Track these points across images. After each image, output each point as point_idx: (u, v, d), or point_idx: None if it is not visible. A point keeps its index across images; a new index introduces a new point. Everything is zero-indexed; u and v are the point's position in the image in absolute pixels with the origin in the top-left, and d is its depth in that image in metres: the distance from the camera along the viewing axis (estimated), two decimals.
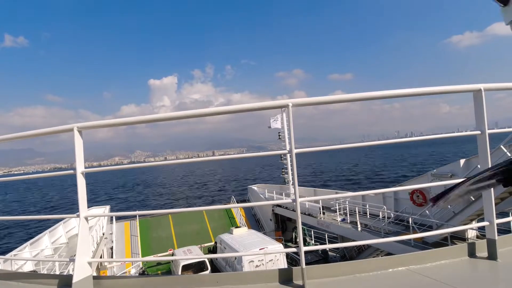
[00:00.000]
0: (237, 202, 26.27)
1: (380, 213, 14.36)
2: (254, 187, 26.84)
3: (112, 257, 18.10)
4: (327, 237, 17.84)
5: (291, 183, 22.21)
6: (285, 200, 2.67)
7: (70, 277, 2.16)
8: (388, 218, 14.23)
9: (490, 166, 2.27)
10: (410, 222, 12.06)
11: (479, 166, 2.40)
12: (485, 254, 2.31)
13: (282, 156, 21.31)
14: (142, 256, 19.06)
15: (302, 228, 8.05)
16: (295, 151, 2.08)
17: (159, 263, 18.03)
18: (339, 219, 16.08)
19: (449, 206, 11.76)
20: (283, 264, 13.08)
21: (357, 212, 15.04)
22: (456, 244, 2.57)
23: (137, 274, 16.43)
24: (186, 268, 14.15)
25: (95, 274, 2.35)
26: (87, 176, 2.25)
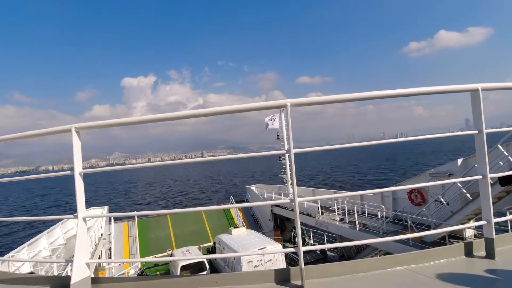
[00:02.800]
0: (236, 203, 26.26)
1: (379, 212, 14.39)
2: (253, 187, 26.84)
3: (110, 258, 18.04)
4: (326, 237, 17.87)
5: (289, 183, 22.23)
6: (284, 200, 2.67)
7: (68, 278, 2.15)
8: (387, 217, 14.26)
9: (487, 165, 2.28)
10: (408, 222, 12.10)
11: (476, 165, 2.41)
12: (483, 253, 2.32)
13: (281, 156, 21.32)
14: (141, 257, 19.02)
15: (301, 228, 8.03)
16: (293, 151, 2.08)
17: (157, 264, 17.99)
18: (337, 219, 16.11)
19: (447, 205, 11.82)
20: (282, 264, 13.07)
21: (355, 212, 15.07)
22: (454, 243, 2.57)
23: (136, 275, 16.38)
24: (184, 268, 14.12)
25: (93, 275, 2.34)
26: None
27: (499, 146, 10.10)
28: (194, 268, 14.24)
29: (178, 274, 13.60)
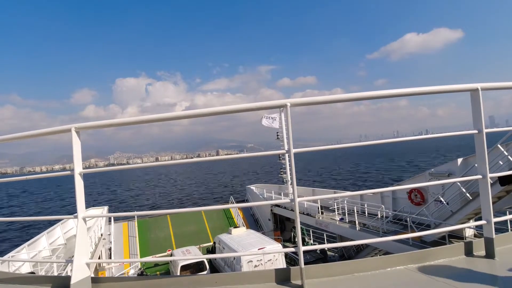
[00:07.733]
0: (236, 202, 26.27)
1: (379, 212, 14.40)
2: (253, 187, 26.84)
3: (110, 258, 18.05)
4: (326, 237, 17.88)
5: (289, 182, 22.22)
6: (284, 200, 2.67)
7: (68, 278, 2.15)
8: (386, 217, 14.27)
9: (487, 165, 2.28)
10: (408, 221, 12.11)
11: (476, 165, 2.41)
12: (483, 252, 2.33)
13: (281, 156, 21.32)
14: (141, 257, 19.03)
15: (301, 227, 8.02)
16: (293, 150, 2.08)
17: (157, 264, 17.99)
18: (337, 218, 16.11)
19: (446, 205, 11.82)
20: (281, 264, 13.08)
21: (355, 211, 15.08)
22: (454, 243, 2.57)
23: (136, 275, 16.38)
24: (184, 268, 14.12)
25: (93, 275, 2.34)
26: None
27: (498, 145, 10.09)
28: (194, 268, 14.24)
29: (178, 274, 13.60)
